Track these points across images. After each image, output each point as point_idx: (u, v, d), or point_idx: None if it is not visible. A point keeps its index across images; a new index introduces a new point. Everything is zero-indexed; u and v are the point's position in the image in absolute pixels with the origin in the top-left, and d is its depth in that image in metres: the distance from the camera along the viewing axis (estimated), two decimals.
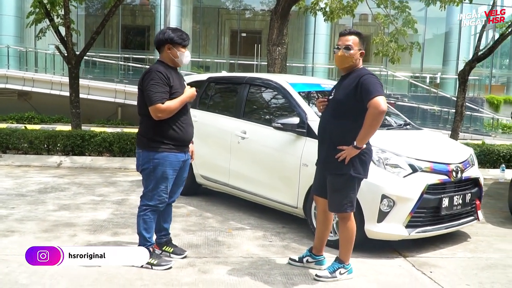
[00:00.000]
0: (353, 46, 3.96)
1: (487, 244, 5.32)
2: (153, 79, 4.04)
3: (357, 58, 3.99)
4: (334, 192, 4.00)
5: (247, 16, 29.15)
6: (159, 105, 4.00)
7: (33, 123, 18.66)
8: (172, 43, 4.17)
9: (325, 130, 4.06)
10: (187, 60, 4.25)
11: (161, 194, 4.19)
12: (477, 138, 18.26)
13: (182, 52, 4.20)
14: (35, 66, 22.86)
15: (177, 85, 4.16)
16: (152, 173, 4.16)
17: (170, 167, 4.16)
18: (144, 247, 4.23)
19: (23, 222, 5.48)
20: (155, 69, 4.12)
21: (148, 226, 4.23)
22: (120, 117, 21.32)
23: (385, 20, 13.63)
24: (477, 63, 11.84)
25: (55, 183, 7.74)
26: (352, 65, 4.01)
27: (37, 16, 11.48)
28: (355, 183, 4.00)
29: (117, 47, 26.02)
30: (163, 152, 4.12)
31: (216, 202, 6.72)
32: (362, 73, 3.91)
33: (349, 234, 4.08)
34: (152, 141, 4.14)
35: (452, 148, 5.52)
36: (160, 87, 4.03)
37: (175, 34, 4.18)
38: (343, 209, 3.98)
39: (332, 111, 4.02)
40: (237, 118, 6.22)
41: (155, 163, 4.13)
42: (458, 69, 25.16)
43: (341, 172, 3.92)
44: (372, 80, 3.82)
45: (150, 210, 4.21)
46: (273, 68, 10.47)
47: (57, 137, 9.85)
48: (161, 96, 4.01)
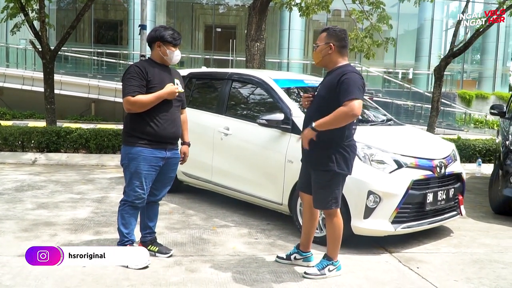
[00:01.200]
0: (319, 42, 4.01)
1: (470, 239, 5.38)
2: (130, 73, 4.07)
3: (326, 53, 3.98)
4: (319, 189, 3.99)
5: (222, 11, 29.03)
6: (129, 97, 4.00)
7: (4, 119, 18.26)
8: (162, 41, 4.16)
9: (309, 125, 4.03)
10: (176, 59, 4.23)
11: (136, 189, 4.14)
12: (450, 133, 18.53)
13: (172, 50, 4.19)
14: (6, 61, 22.38)
15: (157, 80, 4.11)
16: (127, 168, 4.17)
17: (144, 162, 4.10)
18: (122, 243, 4.21)
19: (1, 221, 5.33)
20: (135, 64, 4.19)
21: (126, 221, 4.21)
22: (94, 113, 21.04)
23: (360, 16, 13.71)
24: (453, 58, 12.01)
25: (32, 181, 7.57)
26: (324, 60, 4.02)
27: (12, 11, 11.24)
28: (340, 180, 3.99)
29: (89, 41, 25.64)
30: (137, 147, 4.09)
31: (198, 199, 6.65)
32: (346, 70, 3.88)
33: (336, 231, 4.07)
34: (129, 136, 4.15)
35: (435, 144, 5.57)
36: (134, 80, 4.03)
37: (167, 33, 4.18)
38: (328, 205, 3.97)
39: (317, 107, 4.00)
40: (219, 114, 6.15)
41: (129, 158, 4.13)
42: (430, 64, 25.59)
43: (325, 169, 3.91)
44: (354, 80, 3.78)
45: (128, 205, 4.20)
46: (252, 63, 10.42)
47: (31, 134, 9.64)
48: (133, 89, 4.00)
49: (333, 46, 3.96)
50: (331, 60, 4.00)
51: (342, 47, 3.99)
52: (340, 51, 3.99)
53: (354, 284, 3.97)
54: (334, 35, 3.98)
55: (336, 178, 3.95)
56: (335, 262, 4.11)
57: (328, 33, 3.99)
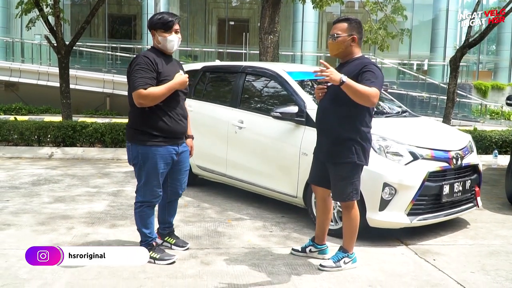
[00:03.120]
0: (340, 33, 3.91)
1: (486, 230, 5.33)
2: (138, 64, 3.82)
3: (348, 45, 3.93)
4: (340, 181, 3.96)
5: (235, 5, 29.01)
6: (141, 90, 3.74)
7: (20, 114, 18.47)
8: (154, 29, 3.96)
9: (325, 117, 4.01)
10: (171, 45, 3.98)
11: (154, 189, 4.02)
12: (466, 124, 18.37)
13: (164, 37, 3.94)
14: (21, 57, 22.59)
15: (166, 71, 3.91)
16: (143, 168, 3.98)
17: (161, 160, 3.96)
18: (146, 243, 4.14)
19: (18, 215, 5.39)
20: (142, 55, 3.93)
21: (146, 222, 4.10)
22: (109, 107, 21.17)
23: (374, 7, 13.61)
24: (469, 49, 11.87)
25: (48, 175, 7.64)
26: (344, 51, 3.96)
27: (26, 6, 11.32)
28: (359, 171, 3.98)
29: (103, 36, 25.79)
30: (152, 146, 3.91)
31: (213, 192, 6.67)
32: (366, 61, 3.87)
33: (353, 223, 4.06)
34: (140, 133, 3.93)
35: (452, 135, 5.52)
36: (144, 72, 3.79)
37: (155, 18, 3.97)
38: (349, 197, 3.96)
39: (333, 97, 3.91)
40: (233, 107, 6.15)
41: (144, 157, 3.93)
42: (445, 55, 25.34)
43: (346, 161, 3.89)
44: (377, 72, 3.77)
45: (145, 206, 4.08)
46: (266, 56, 10.41)
47: (48, 128, 9.73)
48: (144, 81, 3.76)
49: (356, 38, 3.93)
50: (351, 51, 3.96)
51: (361, 39, 4.00)
52: (359, 43, 3.98)
53: (370, 276, 3.96)
54: (356, 27, 3.94)
55: (357, 169, 3.95)
56: (351, 255, 4.10)
57: (350, 24, 3.92)
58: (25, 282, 3.66)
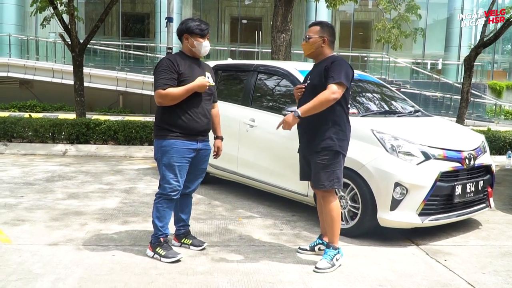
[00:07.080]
0: (312, 34, 4.16)
1: (499, 231, 5.30)
2: (161, 66, 4.09)
3: (319, 45, 4.15)
4: (321, 170, 4.02)
5: (247, 3, 28.97)
6: (160, 90, 4.01)
7: (35, 111, 18.67)
8: (189, 33, 4.18)
9: None
10: (205, 50, 4.25)
11: (171, 182, 4.12)
12: (480, 125, 18.23)
13: (199, 42, 4.19)
14: (36, 55, 22.79)
15: (188, 73, 4.11)
16: (161, 162, 4.16)
17: (177, 154, 4.10)
18: (156, 236, 4.19)
19: (32, 211, 5.46)
20: (166, 57, 4.19)
21: (161, 214, 4.18)
22: (122, 105, 21.28)
23: (388, 6, 13.56)
24: (483, 48, 11.78)
25: (62, 172, 7.72)
26: (315, 51, 4.18)
27: (41, 4, 11.42)
28: (340, 159, 4.05)
29: (117, 34, 25.93)
30: (170, 140, 4.10)
31: (224, 190, 6.70)
32: (335, 58, 4.10)
33: (335, 213, 4.07)
34: (161, 129, 4.15)
35: (464, 135, 5.49)
36: (165, 73, 4.04)
37: (193, 24, 4.20)
38: (331, 184, 4.01)
39: (311, 96, 4.02)
40: (245, 106, 6.18)
41: (162, 151, 4.12)
42: (460, 55, 25.12)
43: (325, 148, 3.99)
44: (342, 66, 3.97)
45: (163, 198, 4.18)
46: (278, 55, 10.40)
47: (62, 125, 9.81)
48: (164, 82, 4.02)
49: (326, 40, 4.15)
50: (322, 52, 4.18)
51: (332, 42, 4.23)
52: (330, 45, 4.20)
53: (380, 275, 3.95)
54: (328, 30, 4.19)
55: (337, 157, 4.03)
56: (338, 248, 4.11)
57: (322, 27, 4.19)
58: (38, 277, 3.70)
